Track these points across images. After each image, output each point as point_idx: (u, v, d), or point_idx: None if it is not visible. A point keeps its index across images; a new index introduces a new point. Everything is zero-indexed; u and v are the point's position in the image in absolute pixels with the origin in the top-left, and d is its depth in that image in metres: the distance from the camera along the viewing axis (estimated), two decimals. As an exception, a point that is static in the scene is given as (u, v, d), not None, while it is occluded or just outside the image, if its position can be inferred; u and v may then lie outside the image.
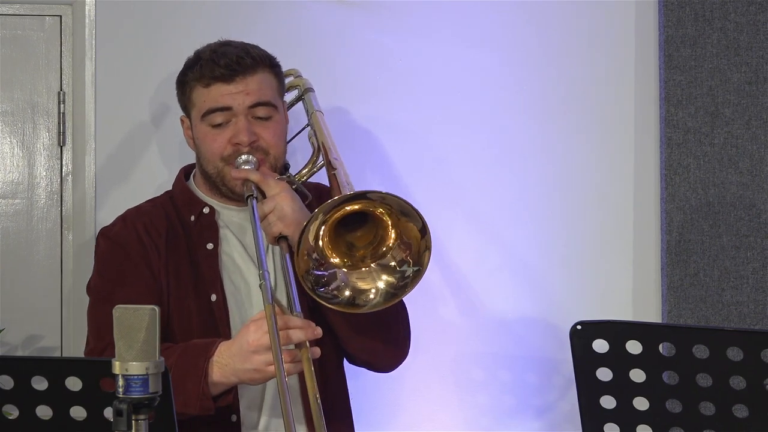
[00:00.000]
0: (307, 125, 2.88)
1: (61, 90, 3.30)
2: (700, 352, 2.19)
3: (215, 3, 3.31)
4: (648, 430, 2.26)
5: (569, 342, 2.26)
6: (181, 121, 2.79)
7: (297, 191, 2.64)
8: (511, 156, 3.41)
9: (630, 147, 3.43)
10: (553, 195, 3.42)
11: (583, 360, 2.25)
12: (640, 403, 2.25)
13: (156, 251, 2.68)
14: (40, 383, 2.11)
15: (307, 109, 2.91)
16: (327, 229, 2.45)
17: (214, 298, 2.65)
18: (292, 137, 2.85)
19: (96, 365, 2.10)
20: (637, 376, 2.24)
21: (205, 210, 2.73)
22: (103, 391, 2.07)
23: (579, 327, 2.26)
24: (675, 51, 3.38)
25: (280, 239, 2.57)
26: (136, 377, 1.84)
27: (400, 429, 3.35)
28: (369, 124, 3.37)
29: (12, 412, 2.15)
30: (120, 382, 1.85)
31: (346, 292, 2.48)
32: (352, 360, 2.75)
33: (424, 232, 2.45)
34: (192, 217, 2.72)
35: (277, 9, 3.33)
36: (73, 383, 2.10)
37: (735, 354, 2.18)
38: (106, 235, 2.73)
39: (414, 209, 2.43)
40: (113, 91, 3.29)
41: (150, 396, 1.85)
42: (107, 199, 3.27)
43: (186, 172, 2.83)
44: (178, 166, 2.90)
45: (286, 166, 2.74)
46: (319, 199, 2.67)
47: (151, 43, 3.30)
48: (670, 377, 2.23)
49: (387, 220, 2.47)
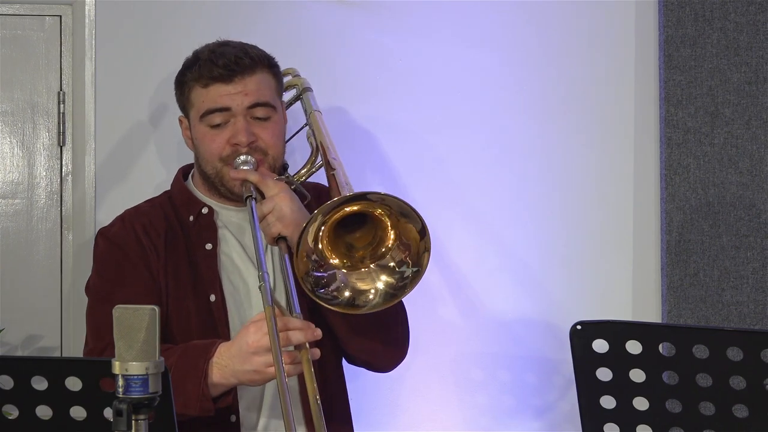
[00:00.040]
0: (305, 125, 2.88)
1: (61, 90, 3.30)
2: (700, 352, 2.19)
3: (215, 3, 3.31)
4: (648, 430, 2.26)
5: (569, 342, 2.26)
6: (180, 122, 2.78)
7: (296, 191, 2.63)
8: (511, 156, 3.41)
9: (630, 147, 3.43)
10: (553, 195, 3.42)
11: (583, 360, 2.25)
12: (640, 403, 2.25)
13: (155, 252, 2.67)
14: (39, 383, 2.11)
15: (305, 108, 2.91)
16: (326, 231, 2.44)
17: (213, 298, 2.64)
18: (291, 137, 2.85)
19: (96, 365, 2.10)
20: (637, 376, 2.24)
21: (204, 210, 2.72)
22: (103, 391, 2.07)
23: (579, 327, 2.26)
24: (675, 51, 3.38)
25: (279, 240, 2.56)
26: (135, 377, 1.84)
27: (400, 429, 3.35)
28: (369, 124, 3.37)
29: (12, 412, 2.15)
30: (120, 382, 1.84)
31: (346, 293, 2.48)
32: (351, 360, 2.75)
33: (423, 234, 2.44)
34: (191, 217, 2.72)
35: (276, 9, 3.33)
36: (73, 383, 2.10)
37: (735, 354, 2.18)
38: (104, 235, 2.73)
39: (414, 210, 2.43)
40: (113, 91, 3.29)
41: (150, 396, 1.85)
42: (107, 199, 3.27)
43: (184, 172, 2.83)
44: (177, 166, 2.90)
45: (285, 167, 2.74)
46: (318, 199, 2.67)
47: (151, 43, 3.30)
48: (670, 377, 2.23)
49: (386, 221, 2.46)
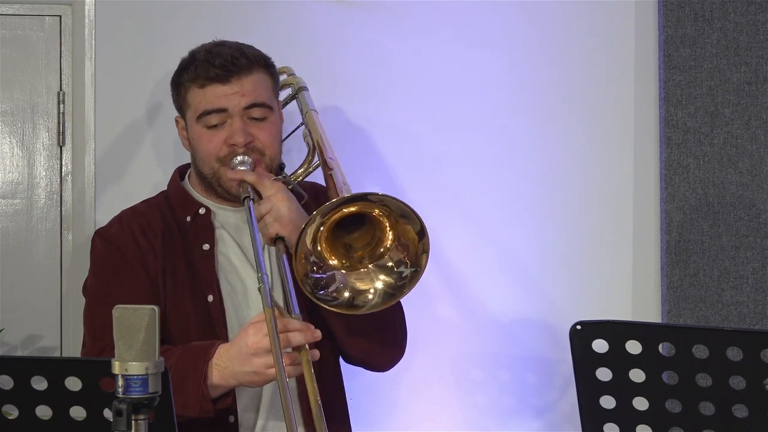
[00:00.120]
0: (301, 124, 2.88)
1: (60, 90, 3.30)
2: (700, 352, 2.19)
3: (215, 3, 3.31)
4: (648, 430, 2.26)
5: (569, 342, 2.26)
6: (176, 122, 2.77)
7: (293, 191, 2.63)
8: (511, 156, 3.41)
9: (630, 147, 3.43)
10: (553, 195, 3.42)
11: (583, 360, 2.25)
12: (640, 403, 2.25)
13: (152, 252, 2.66)
14: (39, 383, 2.11)
15: (301, 108, 2.90)
16: (325, 232, 2.44)
17: (210, 298, 2.64)
18: (287, 136, 2.85)
19: (96, 365, 2.10)
20: (636, 376, 2.24)
21: (201, 210, 2.72)
22: (103, 391, 2.07)
23: (579, 327, 2.25)
24: (675, 51, 3.38)
25: (277, 240, 2.55)
26: (135, 377, 1.84)
27: (400, 429, 3.35)
28: (369, 124, 3.37)
29: (12, 412, 2.15)
30: (119, 382, 1.84)
31: (345, 294, 2.47)
32: (348, 359, 2.74)
33: (422, 235, 2.44)
34: (188, 217, 2.71)
35: (276, 9, 3.32)
36: (73, 383, 2.10)
37: (735, 354, 2.18)
38: (102, 235, 2.72)
39: (413, 212, 2.42)
40: (113, 91, 3.29)
41: (149, 396, 1.85)
42: (107, 199, 3.27)
43: (181, 172, 2.82)
44: (177, 166, 2.90)
45: (282, 167, 2.73)
46: (315, 199, 2.67)
47: (151, 43, 3.29)
48: (669, 377, 2.23)
49: (385, 221, 2.46)
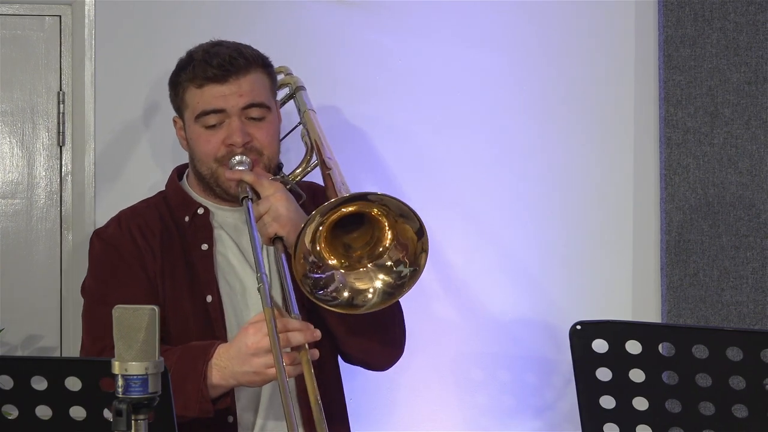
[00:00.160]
0: (298, 123, 2.88)
1: (60, 90, 3.30)
2: (700, 352, 2.19)
3: (214, 3, 3.31)
4: (647, 430, 2.26)
5: (569, 342, 2.26)
6: (174, 122, 2.77)
7: (291, 191, 2.62)
8: (511, 156, 3.41)
9: (630, 147, 3.43)
10: (553, 195, 3.42)
11: (583, 360, 2.25)
12: (640, 403, 2.25)
13: (151, 252, 2.66)
14: (39, 383, 2.11)
15: (298, 107, 2.90)
16: (324, 231, 2.44)
17: (209, 299, 2.64)
18: (284, 135, 2.84)
19: (95, 365, 2.10)
20: (636, 376, 2.24)
21: (200, 211, 2.71)
22: (103, 391, 2.07)
23: (578, 327, 2.25)
24: (674, 51, 3.38)
25: (276, 240, 2.55)
26: (135, 377, 1.84)
27: (400, 429, 3.35)
28: (368, 124, 3.36)
29: (11, 412, 2.15)
30: (119, 382, 1.84)
31: (345, 293, 2.47)
32: (347, 359, 2.74)
33: (420, 234, 2.44)
34: (186, 217, 2.71)
35: (276, 9, 3.32)
36: (73, 383, 2.09)
37: (734, 354, 2.18)
38: (100, 236, 2.72)
39: (412, 211, 2.42)
40: (113, 91, 3.29)
41: (149, 396, 1.85)
42: (107, 199, 3.27)
43: (179, 172, 2.82)
44: (176, 165, 2.90)
45: (280, 166, 2.73)
46: (313, 199, 2.66)
47: (151, 43, 3.29)
48: (669, 377, 2.23)
49: (384, 221, 2.46)
